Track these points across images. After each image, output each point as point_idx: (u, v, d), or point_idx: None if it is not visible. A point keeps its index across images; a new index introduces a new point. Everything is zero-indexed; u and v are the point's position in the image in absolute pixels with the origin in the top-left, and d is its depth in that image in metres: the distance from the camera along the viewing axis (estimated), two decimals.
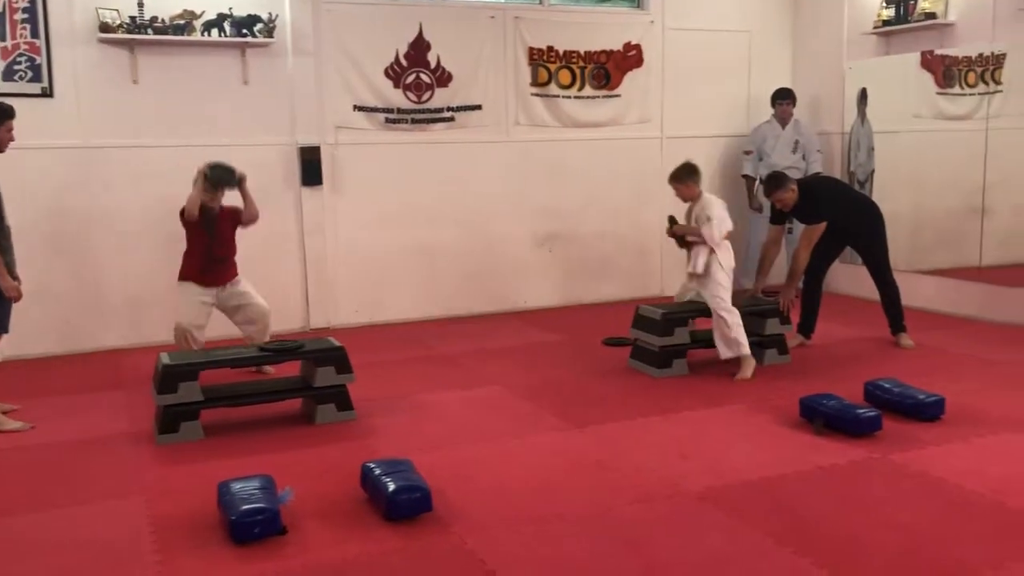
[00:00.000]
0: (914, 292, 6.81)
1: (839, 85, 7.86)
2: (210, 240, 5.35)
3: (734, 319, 5.25)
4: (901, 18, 7.21)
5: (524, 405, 4.89)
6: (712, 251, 5.29)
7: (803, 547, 3.11)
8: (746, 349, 5.27)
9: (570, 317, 7.30)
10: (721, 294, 5.27)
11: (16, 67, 5.89)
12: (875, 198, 6.71)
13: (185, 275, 5.40)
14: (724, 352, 5.29)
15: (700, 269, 5.30)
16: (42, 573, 3.07)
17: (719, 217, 5.30)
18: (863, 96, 7.66)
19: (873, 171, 7.64)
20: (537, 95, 7.45)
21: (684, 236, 5.43)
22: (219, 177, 5.28)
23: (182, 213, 5.30)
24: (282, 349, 4.70)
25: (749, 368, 5.27)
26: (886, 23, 7.33)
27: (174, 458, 4.16)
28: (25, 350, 5.99)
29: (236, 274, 5.50)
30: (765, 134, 7.82)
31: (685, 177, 5.40)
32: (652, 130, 7.89)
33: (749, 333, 5.37)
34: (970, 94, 6.90)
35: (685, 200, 5.50)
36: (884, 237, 6.03)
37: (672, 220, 5.56)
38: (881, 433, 4.19)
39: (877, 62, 7.54)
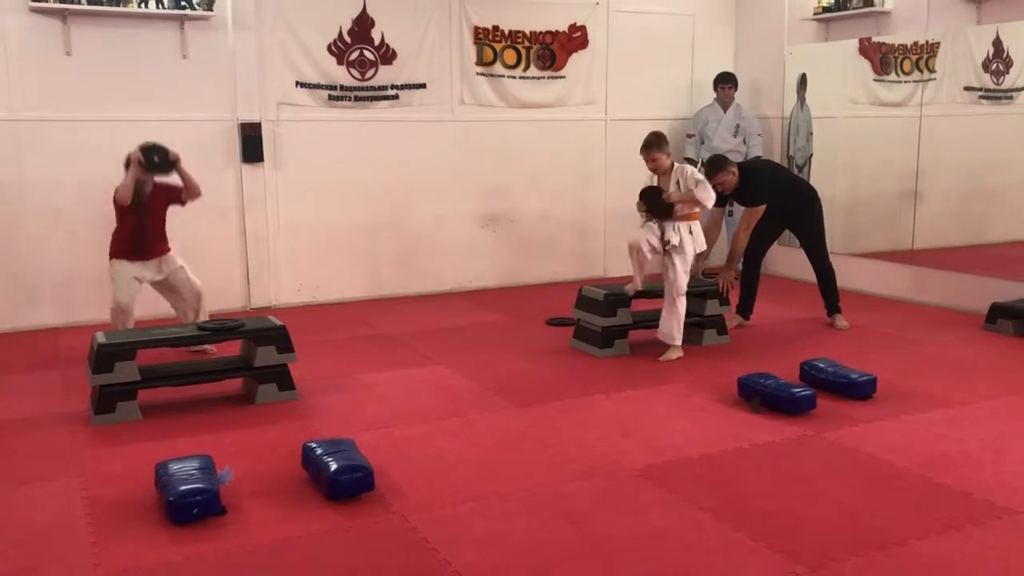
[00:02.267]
0: (849, 274, 6.99)
1: (779, 70, 7.98)
2: (140, 218, 5.24)
3: (681, 311, 5.29)
4: (840, 5, 7.34)
5: (467, 384, 4.90)
6: (690, 231, 5.25)
7: (739, 522, 3.19)
8: (677, 342, 5.33)
9: (513, 297, 7.32)
10: (681, 280, 5.25)
11: None
12: (813, 182, 6.86)
13: (115, 253, 5.30)
14: (661, 335, 5.36)
15: (677, 241, 5.22)
16: None
17: (705, 180, 5.21)
18: (803, 81, 7.80)
19: (811, 155, 7.79)
20: (482, 75, 7.42)
21: (674, 205, 5.17)
22: (154, 164, 5.18)
23: (115, 197, 5.20)
24: (222, 328, 4.64)
25: (673, 355, 5.33)
26: (826, 9, 7.46)
27: (110, 439, 4.09)
28: None
29: (168, 249, 5.40)
30: (707, 117, 7.92)
31: (665, 144, 5.20)
32: (596, 112, 7.92)
33: (689, 314, 5.46)
34: (905, 81, 7.07)
35: (658, 171, 5.25)
36: (821, 220, 6.17)
37: (656, 190, 5.24)
38: (815, 411, 4.31)
39: (816, 48, 7.67)
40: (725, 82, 7.85)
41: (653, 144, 5.21)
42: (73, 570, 2.90)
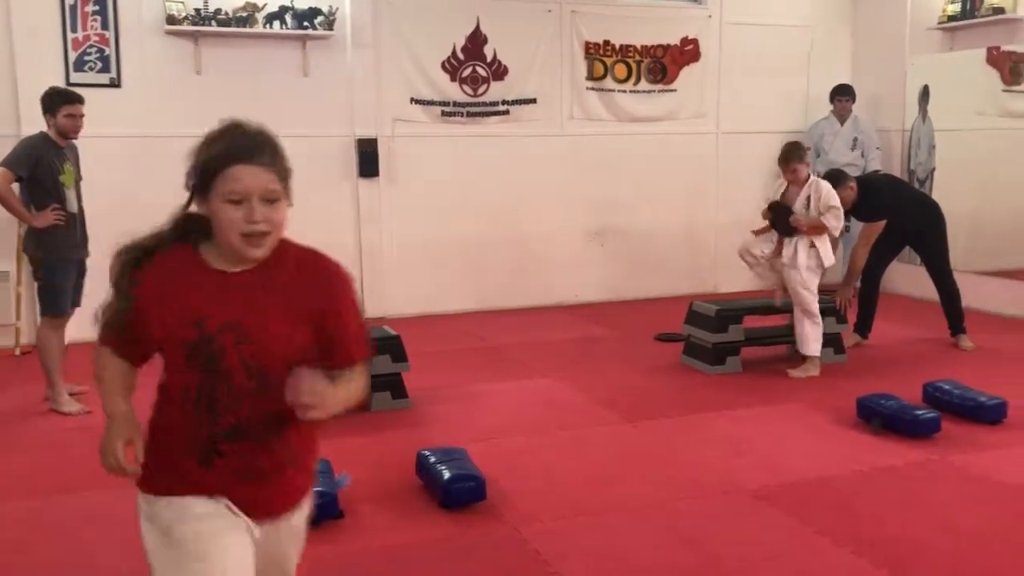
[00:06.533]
0: (974, 293, 6.67)
1: (900, 82, 7.71)
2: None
3: (810, 325, 5.17)
4: (967, 13, 7.05)
5: (576, 398, 4.90)
6: (812, 244, 5.10)
7: (861, 547, 3.08)
8: (812, 352, 5.20)
9: (621, 312, 7.28)
10: (802, 294, 5.14)
11: (86, 58, 6.05)
12: (935, 197, 6.59)
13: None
14: (801, 347, 5.25)
15: (789, 257, 5.14)
16: (110, 545, 3.16)
17: (839, 207, 5.08)
18: (925, 93, 7.52)
19: (934, 169, 7.49)
20: (592, 89, 7.44)
21: (799, 227, 5.07)
22: None
23: None
24: None
25: (810, 370, 5.21)
26: (951, 18, 7.18)
27: None
28: (88, 334, 6.14)
29: None
30: (823, 131, 7.73)
31: (805, 154, 5.19)
32: (708, 125, 7.83)
33: None
34: None
35: (798, 183, 5.12)
36: (944, 237, 5.92)
37: (784, 209, 5.13)
38: (940, 435, 4.13)
39: (940, 58, 7.38)
40: (842, 94, 7.64)
41: (793, 155, 5.13)
42: None
